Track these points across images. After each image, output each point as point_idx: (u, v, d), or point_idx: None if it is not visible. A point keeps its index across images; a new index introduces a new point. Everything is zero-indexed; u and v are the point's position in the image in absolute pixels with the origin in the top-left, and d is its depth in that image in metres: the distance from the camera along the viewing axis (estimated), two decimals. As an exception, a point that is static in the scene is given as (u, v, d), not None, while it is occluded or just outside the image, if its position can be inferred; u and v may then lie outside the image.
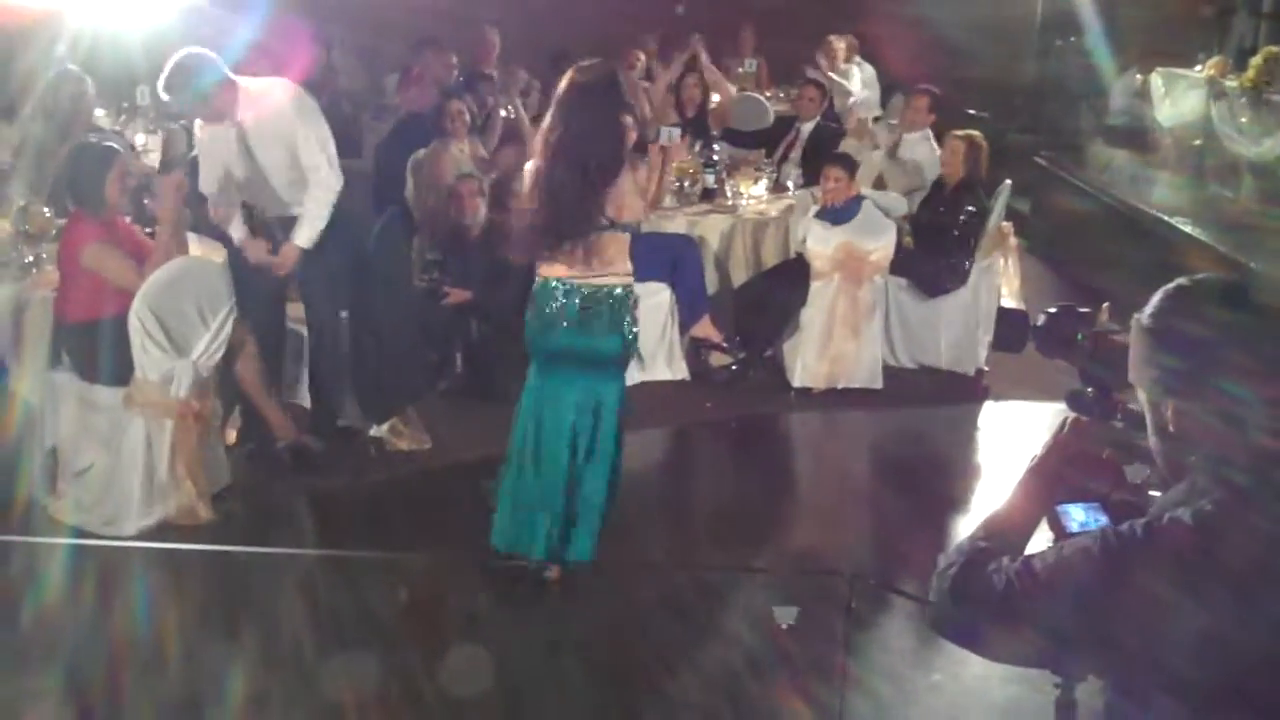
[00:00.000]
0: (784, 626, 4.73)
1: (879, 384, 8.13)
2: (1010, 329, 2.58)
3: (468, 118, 9.04)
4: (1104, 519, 2.34)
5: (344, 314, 6.85)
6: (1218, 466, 2.09)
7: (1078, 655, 2.30)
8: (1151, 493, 2.43)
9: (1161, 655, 2.01)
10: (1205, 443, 2.11)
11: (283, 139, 6.40)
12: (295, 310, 6.82)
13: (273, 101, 6.39)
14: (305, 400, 6.95)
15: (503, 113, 10.27)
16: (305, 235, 6.46)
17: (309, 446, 6.63)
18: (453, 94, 9.32)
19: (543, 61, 11.18)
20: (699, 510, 6.58)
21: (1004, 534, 2.34)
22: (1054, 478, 2.44)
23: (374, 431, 6.93)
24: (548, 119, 5.25)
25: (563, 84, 5.26)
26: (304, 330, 6.82)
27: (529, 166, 5.36)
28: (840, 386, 8.07)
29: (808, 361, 8.05)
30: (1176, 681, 2.02)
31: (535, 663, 5.07)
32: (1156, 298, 2.20)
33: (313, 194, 6.46)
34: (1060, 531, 2.36)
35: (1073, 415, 2.54)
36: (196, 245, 6.54)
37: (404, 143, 9.19)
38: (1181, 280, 2.21)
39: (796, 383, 8.04)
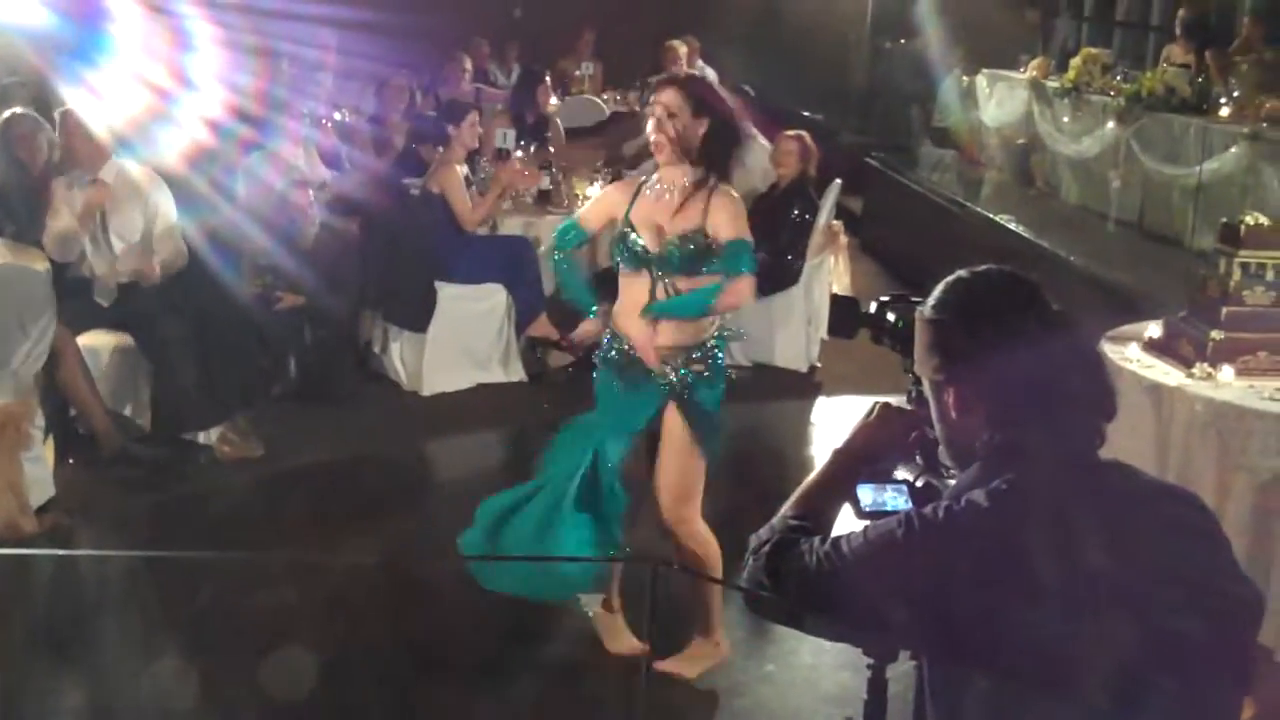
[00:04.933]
0: (590, 614, 4.75)
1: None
2: (843, 315, 2.67)
3: (306, 122, 8.95)
4: (900, 501, 2.41)
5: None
6: (1003, 451, 2.15)
7: (885, 636, 2.37)
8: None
9: (965, 635, 2.06)
10: (985, 428, 2.17)
11: None
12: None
13: None
14: (136, 412, 6.82)
15: (338, 116, 10.21)
16: None
17: (136, 456, 6.50)
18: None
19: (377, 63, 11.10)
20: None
21: (814, 513, 2.38)
22: (859, 460, 2.49)
23: (203, 440, 6.81)
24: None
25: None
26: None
27: None
28: (677, 383, 8.14)
29: (645, 360, 8.09)
30: (982, 661, 2.07)
31: (360, 660, 5.01)
32: (938, 289, 2.27)
33: None
34: (855, 509, 2.42)
35: (881, 401, 2.60)
36: (9, 252, 6.38)
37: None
38: (961, 272, 2.28)
39: (634, 382, 8.07)
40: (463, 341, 8.07)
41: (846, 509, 2.49)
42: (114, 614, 5.26)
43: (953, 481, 2.37)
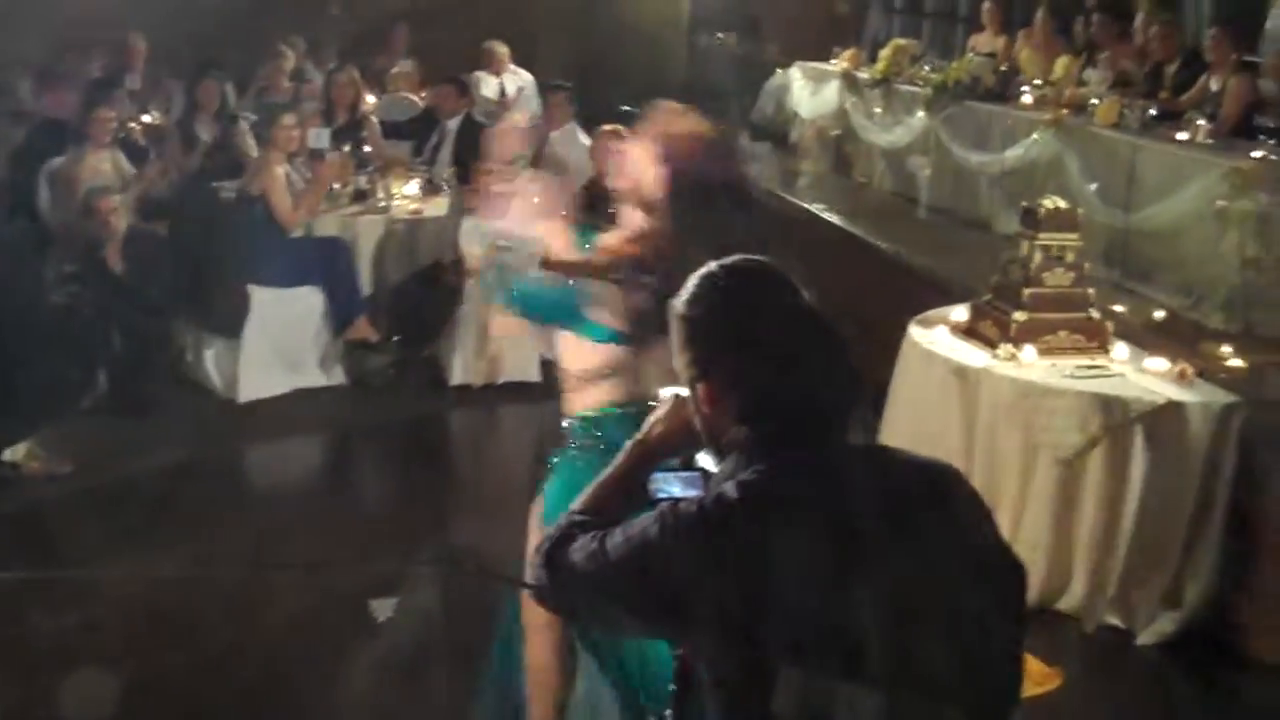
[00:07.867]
0: (380, 619, 4.71)
1: (537, 377, 8.19)
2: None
3: (114, 125, 8.68)
4: (690, 489, 2.40)
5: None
6: (753, 442, 2.17)
7: (656, 629, 2.36)
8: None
9: (728, 626, 2.07)
10: (736, 421, 2.19)
11: None
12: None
13: None
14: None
15: (147, 119, 9.94)
16: None
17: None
18: (99, 100, 8.86)
19: (188, 64, 10.83)
20: (360, 516, 6.48)
21: (601, 508, 2.37)
22: (654, 451, 2.49)
23: (9, 456, 6.57)
24: None
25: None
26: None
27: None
28: (499, 382, 8.11)
29: (466, 359, 8.06)
30: (750, 649, 2.08)
31: (185, 675, 4.90)
32: (690, 283, 2.28)
33: None
34: (646, 498, 2.42)
35: (675, 391, 2.60)
36: None
37: (39, 150, 8.72)
38: (711, 265, 2.28)
39: (455, 380, 8.05)
40: (278, 345, 7.92)
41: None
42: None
43: None
